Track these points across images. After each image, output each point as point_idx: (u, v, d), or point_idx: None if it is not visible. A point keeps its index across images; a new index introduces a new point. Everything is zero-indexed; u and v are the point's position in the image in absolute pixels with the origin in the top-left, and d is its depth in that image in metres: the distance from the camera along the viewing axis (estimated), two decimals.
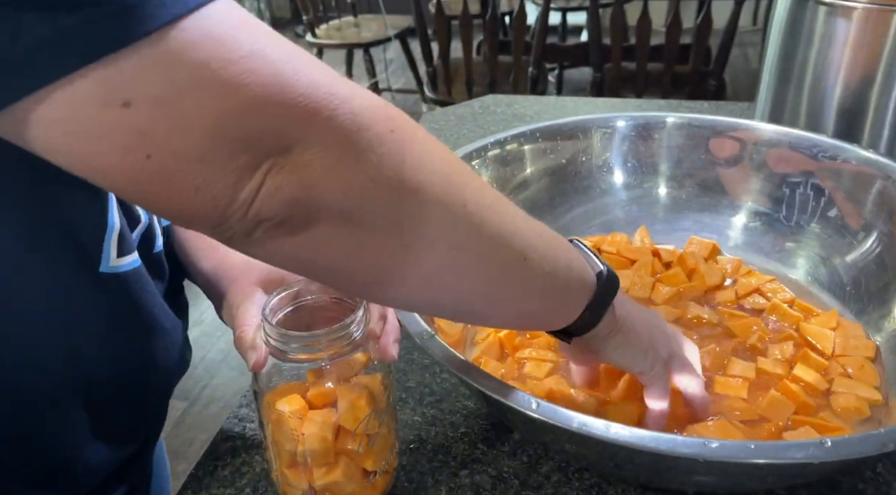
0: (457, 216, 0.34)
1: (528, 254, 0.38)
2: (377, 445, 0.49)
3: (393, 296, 0.37)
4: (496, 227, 0.36)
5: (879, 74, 0.69)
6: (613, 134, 0.74)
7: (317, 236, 0.31)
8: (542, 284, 0.40)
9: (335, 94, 0.30)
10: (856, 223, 0.63)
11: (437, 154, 0.34)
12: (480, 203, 0.36)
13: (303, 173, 0.29)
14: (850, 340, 0.57)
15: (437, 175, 0.33)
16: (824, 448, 0.36)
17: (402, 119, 0.33)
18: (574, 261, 0.42)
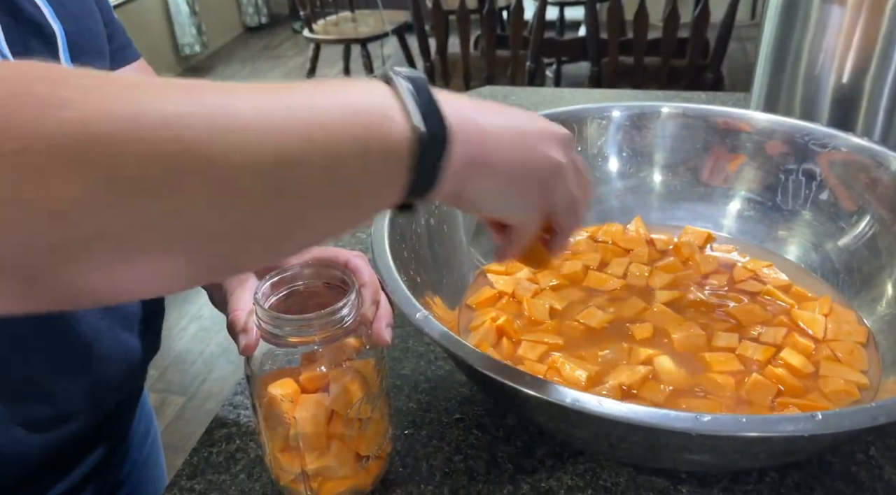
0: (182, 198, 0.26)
1: (287, 188, 0.28)
2: (370, 430, 0.49)
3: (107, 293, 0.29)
4: (231, 190, 0.27)
5: (874, 61, 0.69)
6: (609, 123, 0.74)
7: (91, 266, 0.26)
8: (326, 195, 0.30)
9: None
10: (848, 209, 0.63)
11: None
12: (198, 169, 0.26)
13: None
14: (843, 325, 0.58)
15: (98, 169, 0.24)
16: (815, 421, 0.36)
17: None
18: (373, 138, 0.30)
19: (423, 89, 0.32)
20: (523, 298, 0.64)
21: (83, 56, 0.52)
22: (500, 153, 0.35)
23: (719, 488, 0.51)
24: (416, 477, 0.53)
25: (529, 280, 0.66)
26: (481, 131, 0.35)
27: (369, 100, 0.31)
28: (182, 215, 0.26)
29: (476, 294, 0.65)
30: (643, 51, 2.17)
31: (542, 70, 2.47)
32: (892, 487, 0.50)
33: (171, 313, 2.13)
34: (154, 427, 0.77)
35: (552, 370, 0.56)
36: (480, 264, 0.69)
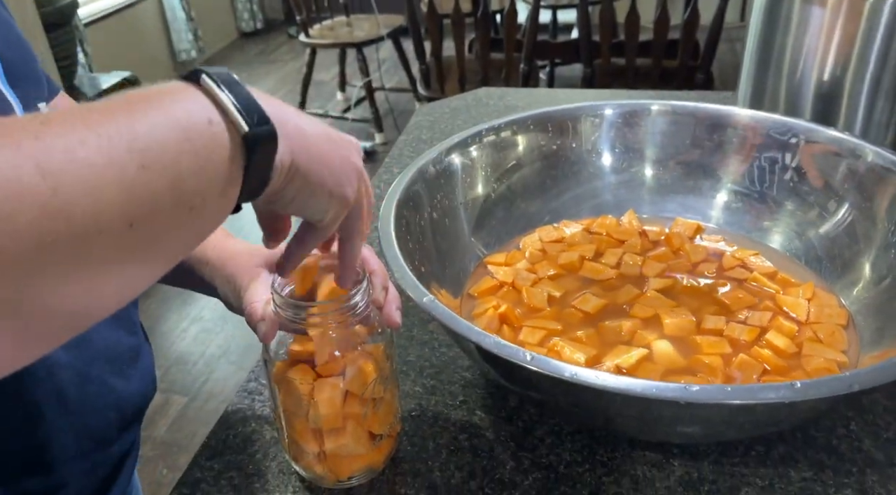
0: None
1: (134, 222, 0.28)
2: (382, 409, 0.52)
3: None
4: (82, 214, 0.26)
5: (853, 59, 0.72)
6: (602, 121, 0.77)
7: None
8: (171, 216, 0.30)
9: None
10: (828, 198, 0.66)
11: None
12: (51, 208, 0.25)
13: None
14: (824, 309, 0.61)
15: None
16: (794, 389, 0.39)
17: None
18: (204, 148, 0.30)
19: (236, 88, 0.32)
20: (522, 287, 0.67)
21: (21, 82, 0.50)
22: (317, 152, 0.37)
23: (709, 461, 0.54)
24: (424, 455, 0.56)
25: (528, 270, 0.69)
26: (299, 129, 0.36)
27: (189, 109, 0.31)
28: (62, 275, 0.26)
29: (477, 283, 0.68)
30: (635, 52, 2.21)
31: (535, 72, 2.51)
32: (870, 458, 0.54)
33: (172, 315, 2.16)
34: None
35: (552, 353, 0.59)
36: (482, 254, 0.72)
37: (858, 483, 0.52)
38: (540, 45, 2.54)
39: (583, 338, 0.60)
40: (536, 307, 0.65)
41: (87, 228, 0.26)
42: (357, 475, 0.54)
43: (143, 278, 0.31)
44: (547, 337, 0.60)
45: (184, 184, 0.29)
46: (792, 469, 0.53)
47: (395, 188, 0.63)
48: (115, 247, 0.27)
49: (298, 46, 4.33)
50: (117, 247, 0.28)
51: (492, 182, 0.74)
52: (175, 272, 0.61)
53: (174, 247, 0.32)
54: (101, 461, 0.56)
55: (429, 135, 1.09)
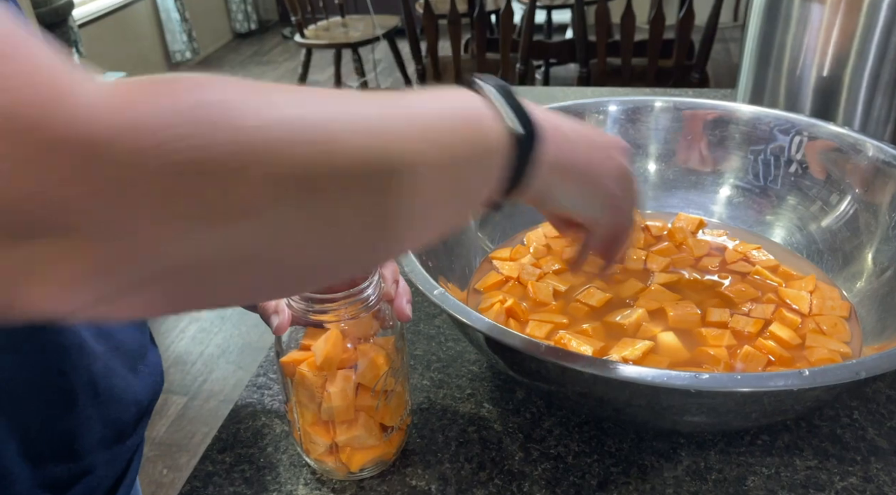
0: (311, 201, 0.27)
1: (413, 188, 0.30)
2: (393, 402, 0.53)
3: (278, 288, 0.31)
4: (362, 192, 0.28)
5: (852, 56, 0.73)
6: (605, 117, 0.78)
7: (164, 292, 0.25)
8: (442, 191, 0.32)
9: (78, 119, 0.21)
10: (829, 192, 0.67)
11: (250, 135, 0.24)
12: (334, 172, 0.27)
13: (85, 255, 0.22)
14: (827, 301, 0.62)
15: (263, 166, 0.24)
16: (803, 376, 0.40)
17: (198, 118, 0.23)
18: (478, 137, 0.34)
19: (509, 95, 0.35)
20: (528, 282, 0.67)
21: None
22: (579, 155, 0.40)
23: (716, 450, 0.55)
24: (434, 447, 0.57)
25: (533, 265, 0.70)
26: (563, 134, 0.38)
27: (468, 105, 0.34)
28: (336, 214, 0.28)
29: (483, 278, 0.69)
30: (630, 52, 2.22)
31: (531, 72, 2.52)
32: (874, 447, 0.55)
33: (170, 315, 2.16)
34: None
35: (559, 346, 0.59)
36: (488, 249, 0.72)
37: (863, 470, 0.53)
38: (535, 45, 2.55)
39: (589, 331, 0.61)
40: (542, 301, 0.66)
41: (372, 192, 0.29)
42: (368, 467, 0.54)
43: (421, 235, 0.34)
44: (553, 330, 0.61)
45: (457, 165, 0.33)
46: (797, 457, 0.54)
47: None
48: (389, 214, 0.30)
49: (293, 47, 4.33)
50: (389, 214, 0.30)
51: None
52: None
53: (441, 218, 0.34)
54: (119, 453, 0.56)
55: None
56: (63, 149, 0.20)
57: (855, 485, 0.52)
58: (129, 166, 0.21)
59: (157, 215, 0.22)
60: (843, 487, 0.52)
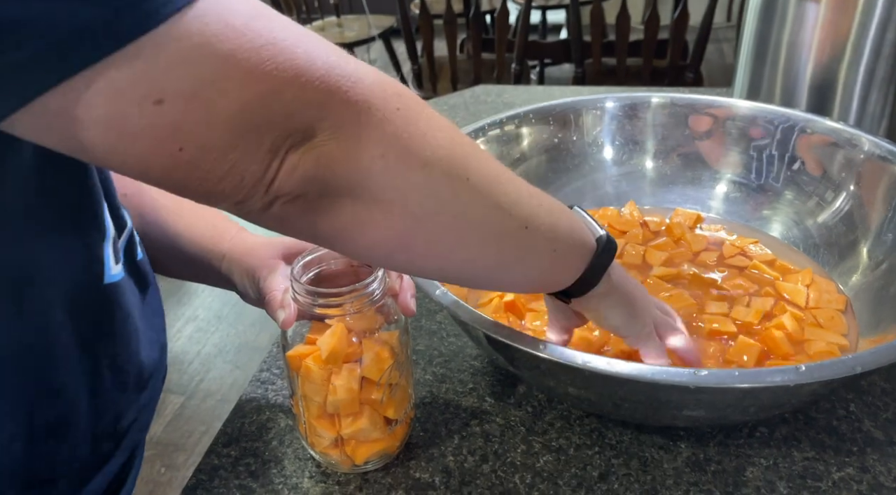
0: (459, 188, 0.36)
1: (529, 223, 0.40)
2: (398, 395, 0.53)
3: (401, 262, 0.39)
4: (497, 198, 0.38)
5: (847, 53, 0.74)
6: (603, 114, 0.79)
7: (329, 209, 0.34)
8: (543, 248, 0.43)
9: (347, 75, 0.31)
10: (826, 187, 0.68)
11: (442, 130, 0.36)
12: (483, 175, 0.38)
13: (318, 152, 0.31)
14: (823, 295, 0.63)
15: (441, 150, 0.35)
16: (800, 372, 0.41)
17: (408, 96, 0.34)
18: (575, 226, 0.45)
19: (593, 219, 0.49)
20: None
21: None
22: (629, 284, 0.51)
23: (715, 443, 0.56)
24: (437, 440, 0.57)
25: None
26: (620, 267, 0.51)
27: (574, 218, 0.46)
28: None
29: None
30: (625, 52, 2.23)
31: (527, 71, 2.52)
32: (870, 438, 0.55)
33: (167, 315, 2.15)
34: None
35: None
36: None
37: (859, 461, 0.54)
38: (531, 46, 2.56)
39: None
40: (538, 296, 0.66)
41: (538, 237, 0.42)
42: (373, 460, 0.55)
43: (531, 281, 0.46)
44: None
45: (563, 250, 0.45)
46: (795, 449, 0.55)
47: None
48: (544, 253, 0.43)
49: None
50: (544, 253, 0.43)
51: None
52: (184, 264, 0.63)
53: (536, 277, 0.46)
54: (140, 436, 0.57)
55: None
56: (352, 106, 0.32)
57: (851, 476, 0.52)
58: (384, 122, 0.33)
59: (394, 151, 0.33)
60: (839, 477, 0.52)
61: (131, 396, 0.53)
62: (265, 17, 0.30)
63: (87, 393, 0.48)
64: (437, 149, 0.35)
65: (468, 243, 0.39)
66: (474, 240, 0.39)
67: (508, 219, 0.39)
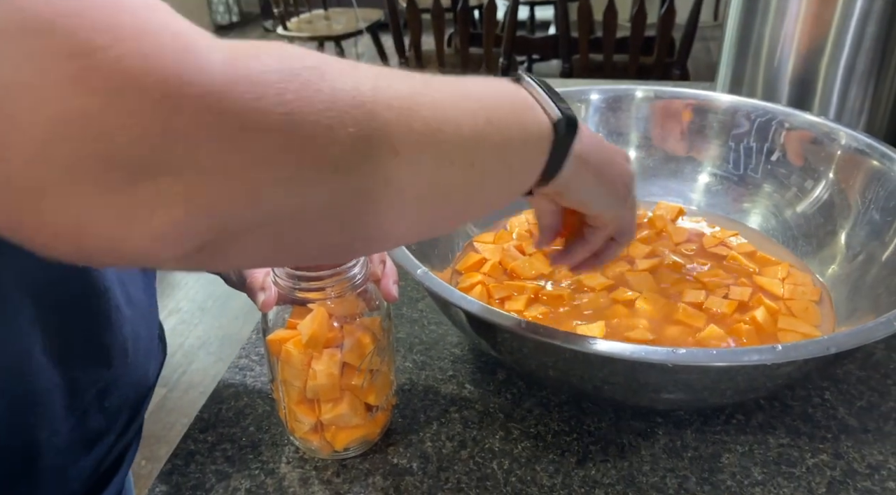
0: (397, 163, 0.29)
1: (475, 158, 0.33)
2: (379, 381, 0.53)
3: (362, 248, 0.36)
4: (438, 152, 0.31)
5: (828, 46, 0.75)
6: (588, 106, 0.79)
7: (257, 242, 0.27)
8: (497, 172, 0.36)
9: (199, 71, 0.23)
10: (804, 179, 0.69)
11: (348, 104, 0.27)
12: (414, 137, 0.30)
13: (196, 196, 0.23)
14: (798, 287, 0.63)
15: (354, 127, 0.27)
16: (776, 351, 0.41)
17: (301, 78, 0.25)
18: (526, 121, 0.37)
19: (551, 89, 0.39)
20: (509, 264, 0.68)
21: None
22: (599, 152, 0.43)
23: (692, 429, 0.56)
24: (415, 426, 0.57)
25: (517, 248, 0.71)
26: (588, 130, 0.42)
27: (517, 94, 0.37)
28: (410, 181, 0.31)
29: (464, 259, 0.70)
30: (612, 48, 2.24)
31: (514, 66, 2.53)
32: (845, 425, 0.56)
33: None
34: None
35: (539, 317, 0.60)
36: (472, 233, 0.73)
37: (833, 448, 0.54)
38: (519, 41, 2.57)
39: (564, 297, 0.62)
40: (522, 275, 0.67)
41: (444, 155, 0.31)
42: (353, 446, 0.54)
43: (469, 210, 0.37)
44: (531, 301, 0.62)
45: (511, 146, 0.35)
46: (770, 435, 0.55)
47: None
48: (460, 176, 0.33)
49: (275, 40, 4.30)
50: (461, 177, 0.33)
51: None
52: None
53: (491, 196, 0.37)
54: (135, 416, 0.58)
55: None
56: (186, 95, 0.22)
57: (825, 462, 0.53)
58: (236, 114, 0.23)
59: (259, 159, 0.24)
60: (813, 464, 0.53)
61: (117, 371, 0.53)
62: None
63: (57, 366, 0.48)
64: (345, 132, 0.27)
65: (413, 213, 0.33)
66: (421, 209, 0.33)
67: (451, 171, 0.32)
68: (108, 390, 0.53)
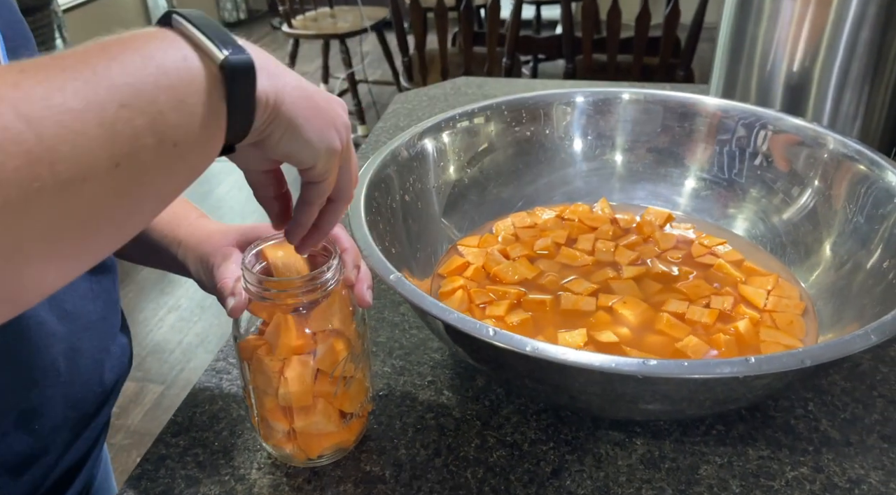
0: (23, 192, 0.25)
1: (119, 157, 0.28)
2: (353, 388, 0.52)
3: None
4: (55, 185, 0.26)
5: (822, 51, 0.74)
6: (574, 108, 0.78)
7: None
8: (158, 161, 0.30)
9: None
10: (791, 185, 0.68)
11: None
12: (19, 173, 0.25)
13: None
14: (783, 299, 0.62)
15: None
16: (749, 364, 0.40)
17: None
18: (179, 82, 0.31)
19: (208, 24, 0.32)
20: (492, 268, 0.67)
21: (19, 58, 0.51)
22: (302, 93, 0.37)
23: (671, 439, 0.55)
24: (390, 433, 0.57)
25: (501, 252, 0.70)
26: (281, 69, 0.36)
27: (162, 47, 0.31)
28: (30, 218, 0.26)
29: (446, 263, 0.69)
30: (616, 49, 2.22)
31: (518, 66, 2.51)
32: (827, 438, 0.55)
33: (149, 304, 2.14)
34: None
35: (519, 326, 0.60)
36: (455, 237, 0.72)
37: (814, 461, 0.53)
38: (523, 40, 2.55)
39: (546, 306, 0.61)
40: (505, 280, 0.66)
41: (71, 172, 0.26)
42: (327, 453, 0.54)
43: (134, 223, 0.31)
44: (512, 307, 0.61)
45: (165, 119, 0.30)
46: (750, 447, 0.54)
47: (366, 170, 0.64)
48: (104, 190, 0.28)
49: (281, 37, 4.30)
50: (105, 190, 0.28)
51: (465, 166, 0.74)
52: (148, 251, 0.62)
53: (163, 187, 0.32)
54: (82, 433, 0.56)
55: (406, 123, 1.09)
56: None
57: (805, 475, 0.52)
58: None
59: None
60: (793, 477, 0.52)
61: (47, 392, 0.51)
62: None
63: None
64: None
65: (70, 232, 0.28)
66: (72, 226, 0.28)
67: (88, 187, 0.27)
68: (35, 411, 0.51)
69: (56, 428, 0.53)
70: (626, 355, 0.53)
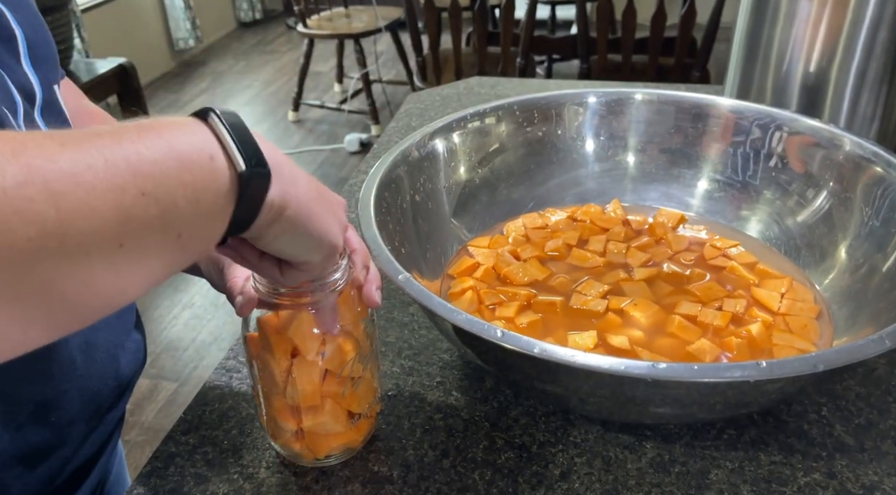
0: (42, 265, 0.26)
1: (124, 240, 0.29)
2: (361, 388, 0.52)
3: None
4: (61, 254, 0.27)
5: (839, 51, 0.73)
6: (586, 109, 0.77)
7: None
8: (158, 240, 0.31)
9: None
10: (807, 186, 0.67)
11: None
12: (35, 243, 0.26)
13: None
14: (797, 303, 0.61)
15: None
16: (760, 368, 0.40)
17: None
18: (198, 180, 0.32)
19: (240, 129, 0.34)
20: (503, 269, 0.67)
21: (41, 64, 0.52)
22: (307, 198, 0.38)
23: (681, 443, 0.55)
24: (399, 434, 0.57)
25: (511, 253, 0.70)
26: (293, 176, 0.37)
27: (193, 142, 0.32)
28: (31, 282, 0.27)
29: (456, 264, 0.69)
30: (631, 49, 2.21)
31: (532, 66, 2.51)
32: (840, 443, 0.54)
33: (163, 301, 2.16)
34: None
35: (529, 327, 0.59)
36: (466, 238, 0.72)
37: (827, 466, 0.52)
38: (537, 40, 2.54)
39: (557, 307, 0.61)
40: (515, 281, 0.65)
41: (79, 247, 0.27)
42: (335, 453, 0.54)
43: (121, 296, 0.31)
44: (522, 308, 0.61)
45: (177, 211, 0.31)
46: (762, 452, 0.54)
47: (376, 170, 0.64)
48: (102, 265, 0.29)
49: (296, 37, 4.32)
50: (104, 265, 0.29)
51: (476, 167, 0.74)
52: None
53: (156, 270, 0.32)
54: (98, 426, 0.57)
55: (419, 123, 1.09)
56: None
57: (818, 481, 0.51)
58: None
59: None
60: (805, 483, 0.51)
61: (63, 385, 0.52)
62: None
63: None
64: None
65: (71, 298, 0.29)
66: (73, 299, 0.29)
67: (90, 261, 0.28)
68: (51, 404, 0.52)
69: (72, 421, 0.54)
70: (636, 358, 0.53)
